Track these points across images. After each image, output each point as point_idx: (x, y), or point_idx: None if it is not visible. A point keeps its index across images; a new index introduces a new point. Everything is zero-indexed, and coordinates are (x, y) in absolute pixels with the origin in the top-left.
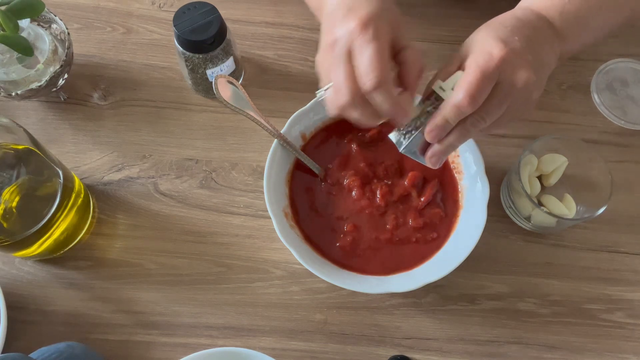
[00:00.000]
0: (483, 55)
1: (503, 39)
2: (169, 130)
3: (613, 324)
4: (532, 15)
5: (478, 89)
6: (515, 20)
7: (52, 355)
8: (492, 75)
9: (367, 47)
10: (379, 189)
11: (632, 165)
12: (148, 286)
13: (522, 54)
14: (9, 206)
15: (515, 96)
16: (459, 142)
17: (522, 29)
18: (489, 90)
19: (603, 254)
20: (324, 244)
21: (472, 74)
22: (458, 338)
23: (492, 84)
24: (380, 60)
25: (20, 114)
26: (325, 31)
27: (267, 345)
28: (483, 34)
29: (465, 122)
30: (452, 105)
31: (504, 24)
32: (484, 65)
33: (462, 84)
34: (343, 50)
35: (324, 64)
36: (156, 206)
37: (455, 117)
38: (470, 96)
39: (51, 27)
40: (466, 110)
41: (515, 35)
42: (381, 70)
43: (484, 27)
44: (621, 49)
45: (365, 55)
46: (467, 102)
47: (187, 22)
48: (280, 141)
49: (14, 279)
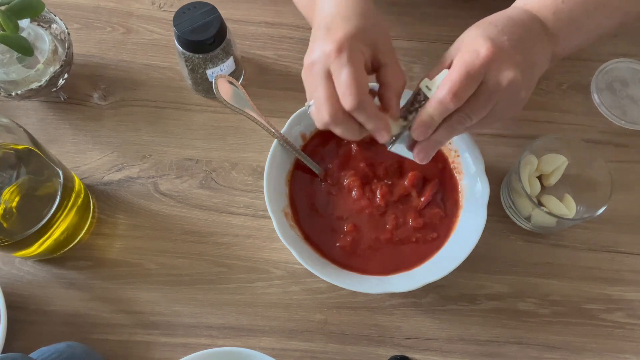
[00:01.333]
0: (469, 53)
1: (491, 38)
2: (169, 130)
3: (613, 324)
4: (525, 14)
5: (461, 86)
6: (506, 19)
7: (52, 355)
8: (477, 74)
9: (341, 71)
10: (379, 189)
11: (632, 165)
12: (148, 286)
13: (510, 54)
14: (9, 206)
15: (502, 96)
16: (445, 138)
17: (513, 28)
18: (473, 88)
19: (603, 254)
20: (324, 244)
21: (457, 72)
22: (458, 338)
23: (477, 83)
24: (355, 83)
25: (20, 114)
26: (308, 49)
27: (267, 345)
28: (472, 32)
29: (451, 119)
30: (436, 102)
31: (495, 23)
32: (469, 63)
33: (446, 81)
34: (321, 73)
35: (306, 81)
36: (156, 206)
37: (439, 114)
38: (453, 93)
39: (51, 27)
40: (449, 106)
41: (505, 34)
42: (356, 93)
43: (475, 26)
44: (621, 49)
45: (341, 78)
46: (449, 99)
47: (187, 22)
48: (280, 141)
49: (14, 279)
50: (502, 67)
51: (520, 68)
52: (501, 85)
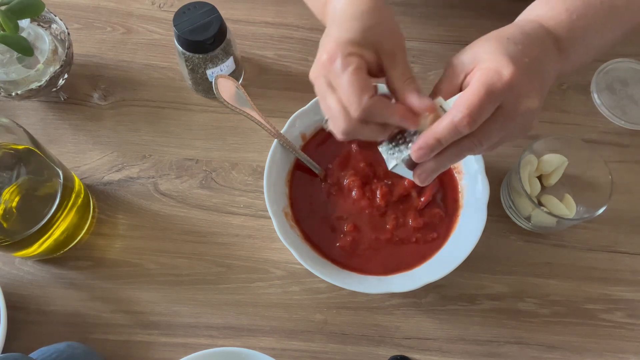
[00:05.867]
0: (491, 73)
1: (514, 58)
2: (169, 130)
3: (613, 324)
4: (541, 31)
5: (480, 109)
6: (525, 37)
7: (52, 355)
8: (498, 97)
9: (339, 81)
10: (379, 189)
11: (632, 165)
12: (148, 286)
13: (531, 79)
14: (9, 206)
15: (516, 122)
16: (450, 163)
17: (531, 48)
18: (490, 112)
19: (603, 254)
20: (324, 244)
21: (476, 92)
22: (458, 338)
23: (495, 106)
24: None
25: (20, 114)
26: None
27: (267, 345)
28: (490, 47)
29: (460, 144)
30: (449, 124)
31: (514, 40)
32: (491, 84)
33: (463, 101)
34: (324, 86)
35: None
36: (156, 206)
37: (451, 137)
38: (471, 116)
39: (51, 27)
40: (464, 131)
41: (526, 56)
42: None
43: (492, 39)
44: (621, 49)
45: (341, 89)
46: (466, 122)
47: (187, 22)
48: (280, 141)
49: (14, 279)
50: (522, 92)
51: (539, 95)
52: (518, 112)
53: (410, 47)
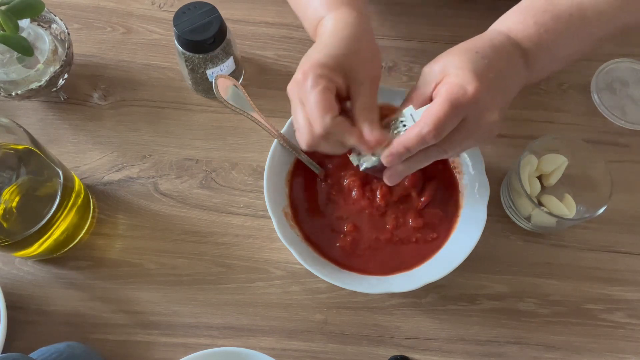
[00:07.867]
0: (456, 88)
1: (479, 74)
2: (169, 130)
3: (613, 324)
4: (508, 43)
5: (445, 123)
6: (492, 50)
7: (52, 355)
8: (462, 112)
9: (307, 98)
10: (378, 189)
11: (632, 165)
12: (148, 286)
13: (494, 94)
14: (9, 206)
15: (479, 134)
16: (417, 167)
17: (498, 62)
18: (454, 125)
19: (603, 254)
20: (324, 244)
21: (442, 107)
22: (458, 338)
23: (459, 119)
24: (318, 111)
25: (20, 114)
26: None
27: (267, 345)
28: (458, 61)
29: (427, 151)
30: (417, 135)
31: (482, 54)
32: (456, 100)
33: (430, 115)
34: (295, 100)
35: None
36: (156, 206)
37: (418, 146)
38: (437, 129)
39: (51, 27)
40: (430, 141)
41: (491, 71)
42: (320, 122)
43: (464, 52)
44: (621, 49)
45: (307, 106)
46: (432, 135)
47: (187, 22)
48: (280, 141)
49: (14, 279)
50: (485, 107)
51: (501, 109)
52: (481, 126)
53: (410, 47)
